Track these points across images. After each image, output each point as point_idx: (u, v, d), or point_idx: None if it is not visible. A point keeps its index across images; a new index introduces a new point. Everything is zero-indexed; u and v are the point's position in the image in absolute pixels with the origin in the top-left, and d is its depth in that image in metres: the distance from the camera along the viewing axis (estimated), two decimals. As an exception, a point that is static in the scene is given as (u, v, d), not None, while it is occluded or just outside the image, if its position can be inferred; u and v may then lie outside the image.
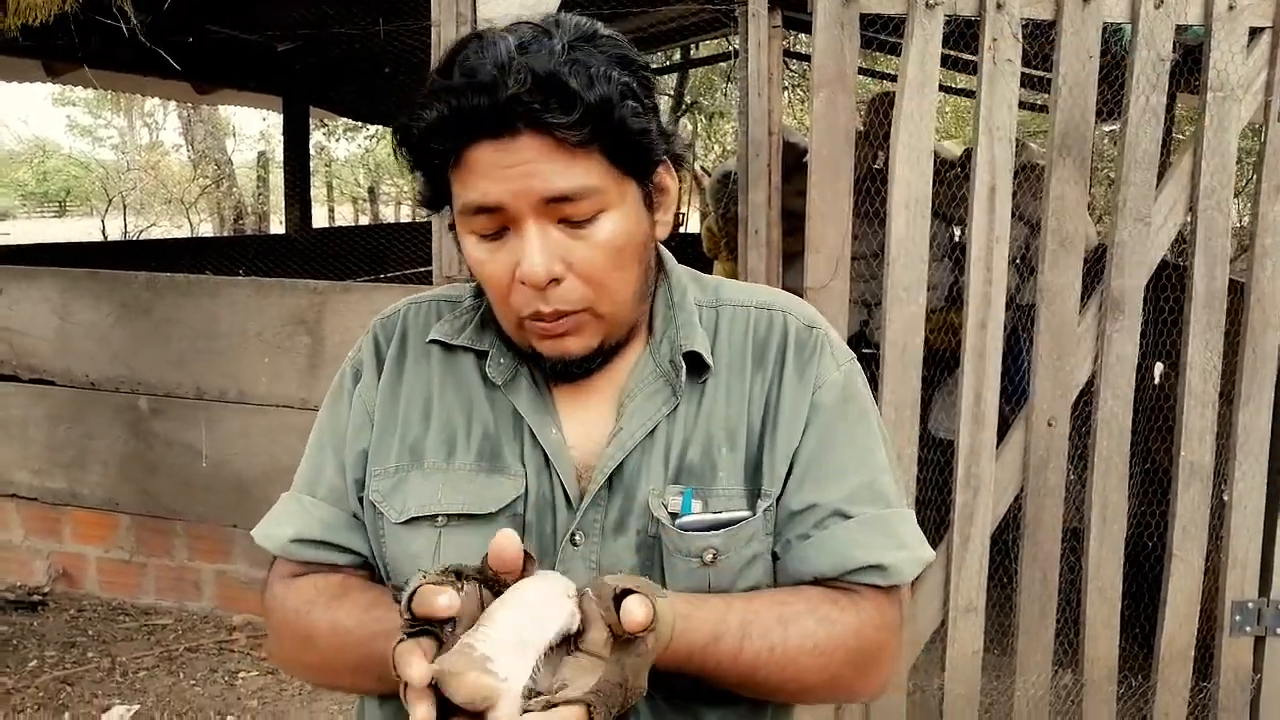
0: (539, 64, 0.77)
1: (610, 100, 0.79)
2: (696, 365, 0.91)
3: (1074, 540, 2.49)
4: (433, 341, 0.95)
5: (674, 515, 0.86)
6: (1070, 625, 2.51)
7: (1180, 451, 2.40)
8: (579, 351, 0.87)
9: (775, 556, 0.90)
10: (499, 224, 0.83)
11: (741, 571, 0.87)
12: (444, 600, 0.67)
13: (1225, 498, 2.47)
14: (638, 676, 0.70)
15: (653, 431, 0.89)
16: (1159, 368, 3.33)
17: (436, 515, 0.88)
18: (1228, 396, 2.43)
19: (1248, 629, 2.48)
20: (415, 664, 0.64)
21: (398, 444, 0.92)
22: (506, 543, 0.71)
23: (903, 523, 0.91)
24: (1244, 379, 2.39)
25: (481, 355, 0.93)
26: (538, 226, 0.81)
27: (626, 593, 0.69)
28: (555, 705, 0.65)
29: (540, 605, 0.69)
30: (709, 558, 0.86)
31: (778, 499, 0.89)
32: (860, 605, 0.88)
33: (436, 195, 0.88)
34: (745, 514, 0.88)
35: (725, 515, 0.87)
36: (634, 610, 0.68)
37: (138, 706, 2.91)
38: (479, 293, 0.97)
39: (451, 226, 0.89)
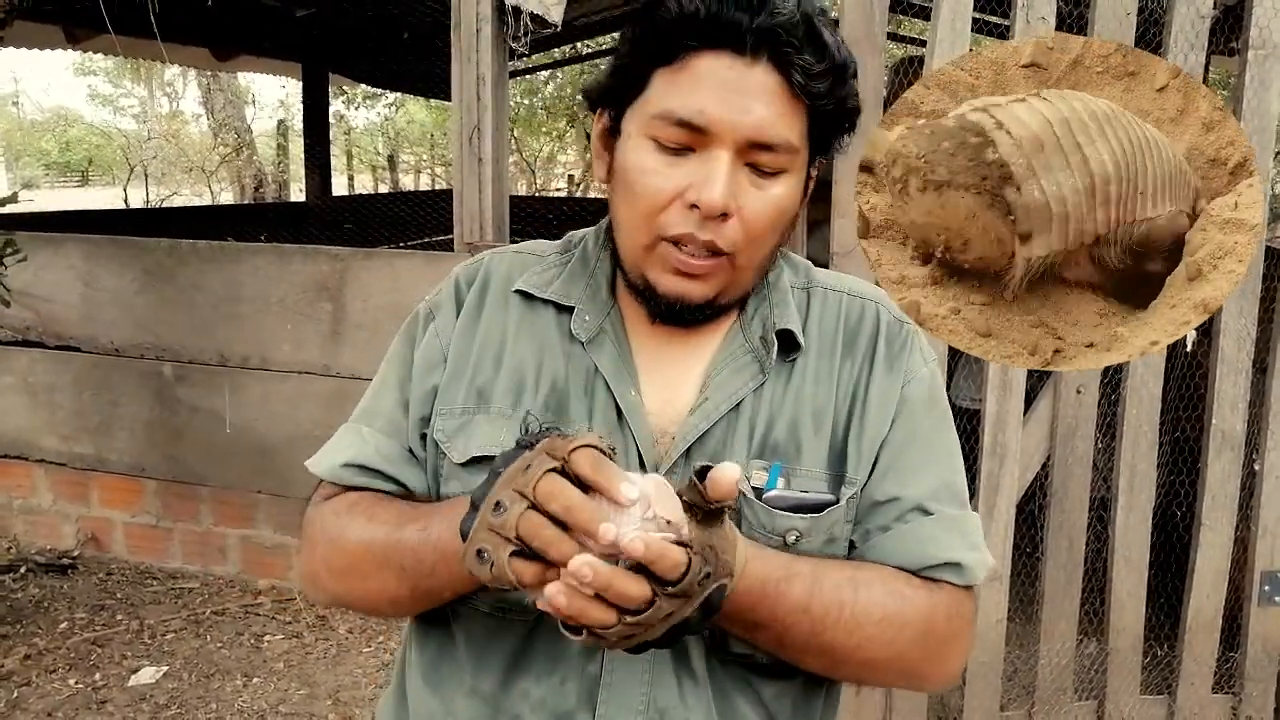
0: (806, 5, 0.79)
1: (848, 67, 0.82)
2: (787, 344, 0.91)
3: (1101, 509, 2.47)
4: (517, 292, 0.94)
5: (758, 490, 0.86)
6: (1095, 594, 2.49)
7: (1211, 420, 2.36)
8: (699, 298, 0.86)
9: (852, 545, 0.89)
10: (689, 142, 0.82)
11: (819, 555, 0.87)
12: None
13: (1256, 467, 2.44)
14: (724, 552, 0.70)
15: (738, 406, 0.89)
16: (1191, 335, 3.27)
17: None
18: (1260, 364, 2.39)
19: (1276, 599, 2.46)
20: (605, 530, 0.64)
21: (466, 386, 0.92)
22: (725, 476, 0.67)
23: (975, 526, 0.92)
24: (1277, 346, 2.35)
25: (565, 311, 0.93)
26: (732, 159, 0.81)
27: (706, 469, 0.68)
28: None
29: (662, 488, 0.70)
30: (791, 539, 0.86)
31: (862, 488, 0.89)
32: (935, 593, 0.87)
33: (621, 86, 0.85)
34: (829, 497, 0.88)
35: (810, 496, 0.87)
36: (721, 476, 0.66)
37: (166, 668, 2.95)
38: (565, 249, 0.98)
39: (611, 130, 0.87)
